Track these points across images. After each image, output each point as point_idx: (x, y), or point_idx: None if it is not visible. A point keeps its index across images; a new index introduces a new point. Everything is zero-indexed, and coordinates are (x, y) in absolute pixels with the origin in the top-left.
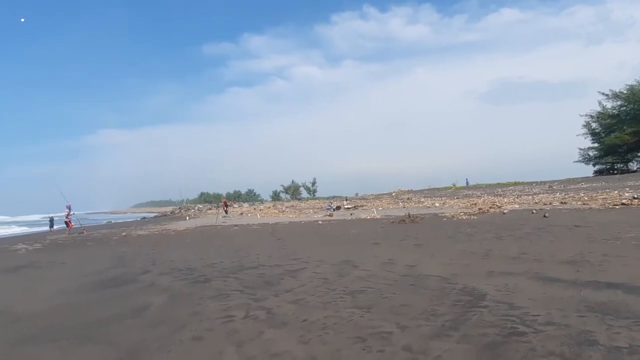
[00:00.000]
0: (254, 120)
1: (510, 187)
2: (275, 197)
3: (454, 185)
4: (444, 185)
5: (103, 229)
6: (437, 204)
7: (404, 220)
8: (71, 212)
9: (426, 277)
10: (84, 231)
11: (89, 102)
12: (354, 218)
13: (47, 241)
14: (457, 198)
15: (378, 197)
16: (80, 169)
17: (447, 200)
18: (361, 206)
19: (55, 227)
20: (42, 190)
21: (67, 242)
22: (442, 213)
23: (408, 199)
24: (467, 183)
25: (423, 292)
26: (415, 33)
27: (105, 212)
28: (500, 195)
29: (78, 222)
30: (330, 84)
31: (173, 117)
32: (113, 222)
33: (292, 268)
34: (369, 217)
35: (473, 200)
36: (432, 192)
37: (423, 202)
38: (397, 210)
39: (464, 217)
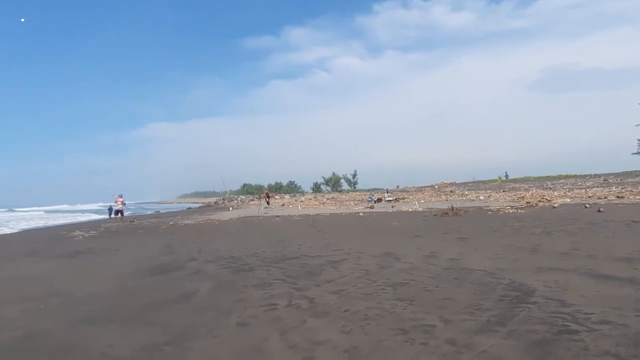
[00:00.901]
0: (296, 112)
1: (562, 180)
2: (316, 188)
3: (500, 178)
4: (489, 178)
5: (152, 218)
6: (481, 197)
7: (446, 213)
8: (124, 202)
9: (470, 271)
10: (135, 220)
11: (140, 97)
12: (395, 210)
13: (102, 229)
14: (503, 191)
15: (420, 189)
16: (132, 161)
17: (492, 194)
18: (402, 199)
19: (112, 215)
20: (100, 181)
21: (120, 230)
22: (487, 206)
23: (451, 191)
24: (506, 176)
25: (467, 286)
26: (460, 20)
27: (154, 202)
28: (550, 188)
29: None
30: (372, 75)
31: (217, 110)
32: (161, 211)
33: (333, 259)
34: (410, 210)
35: (520, 194)
36: (477, 185)
37: (467, 195)
38: (440, 203)
39: (510, 211)
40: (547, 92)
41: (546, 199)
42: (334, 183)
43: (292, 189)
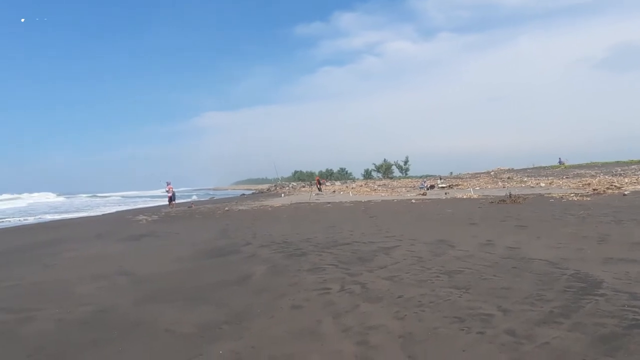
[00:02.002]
0: (346, 99)
1: (633, 166)
2: (367, 175)
3: (563, 163)
4: (550, 164)
5: (208, 204)
6: (542, 184)
7: (504, 201)
8: (173, 189)
9: (531, 261)
10: (193, 205)
11: (195, 88)
12: (449, 197)
13: (163, 214)
14: (566, 177)
15: (475, 176)
16: (188, 148)
17: (554, 180)
18: (456, 185)
19: (174, 201)
20: (163, 168)
21: (179, 215)
22: (549, 194)
23: (509, 178)
24: (559, 162)
25: (527, 275)
26: None
27: (209, 189)
28: (620, 174)
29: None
30: (424, 59)
31: (268, 98)
32: (216, 197)
33: (385, 245)
34: (465, 197)
35: (586, 180)
36: (537, 171)
37: (526, 181)
38: (497, 190)
39: (574, 199)
40: (618, 71)
41: (615, 185)
42: (385, 170)
43: (342, 175)
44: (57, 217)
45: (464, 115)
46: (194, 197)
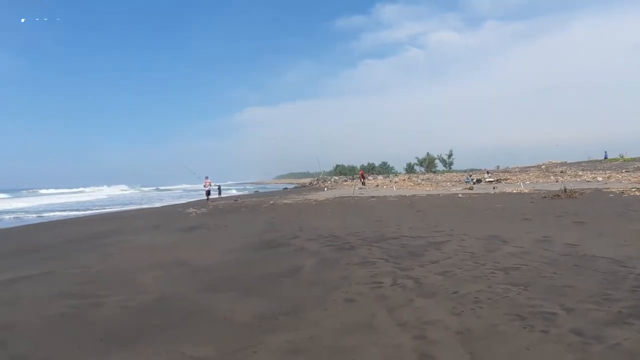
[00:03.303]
0: (388, 92)
1: None
2: (410, 169)
3: (622, 156)
4: (609, 157)
5: (253, 197)
6: (599, 178)
7: (558, 195)
8: (212, 184)
9: (593, 259)
10: (238, 199)
11: (238, 83)
12: (497, 192)
13: (211, 207)
14: (626, 171)
15: (524, 170)
16: (232, 143)
17: (612, 174)
18: (505, 179)
19: (222, 194)
20: (211, 161)
21: (226, 208)
22: (608, 188)
23: (561, 172)
24: (605, 157)
25: (590, 274)
26: None
27: (252, 183)
28: None
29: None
30: (470, 49)
31: (309, 92)
32: (260, 191)
33: (435, 240)
34: (515, 191)
35: None
36: (593, 165)
37: (581, 175)
38: (549, 185)
39: (637, 194)
40: None
41: None
42: (428, 163)
43: (384, 169)
44: (120, 208)
45: (511, 106)
46: (233, 192)
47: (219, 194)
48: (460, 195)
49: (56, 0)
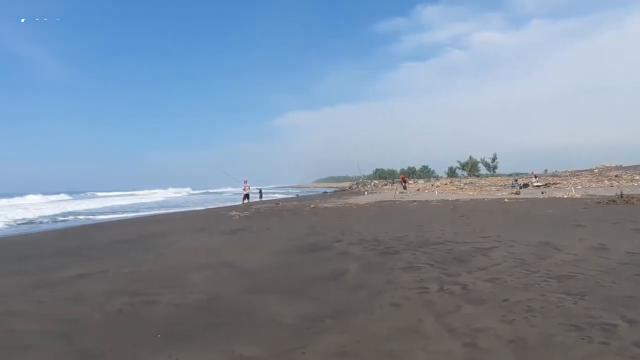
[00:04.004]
0: (429, 94)
1: None
2: (451, 173)
3: None
4: None
5: (294, 201)
6: None
7: (614, 201)
8: (250, 187)
9: None
10: (280, 203)
11: (280, 87)
12: (546, 197)
13: (253, 210)
14: None
15: (575, 174)
16: (274, 147)
17: None
18: (554, 184)
19: (263, 197)
20: (253, 164)
21: (268, 212)
22: None
23: (616, 176)
24: None
25: None
26: None
27: (292, 186)
28: None
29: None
30: (514, 49)
31: (349, 96)
32: (300, 195)
33: (482, 246)
34: (565, 196)
35: None
36: None
37: (638, 180)
38: (603, 189)
39: None
40: None
41: None
42: (470, 167)
43: (425, 173)
44: (168, 211)
45: (560, 108)
46: (276, 195)
47: (260, 197)
48: (506, 200)
49: (108, 8)
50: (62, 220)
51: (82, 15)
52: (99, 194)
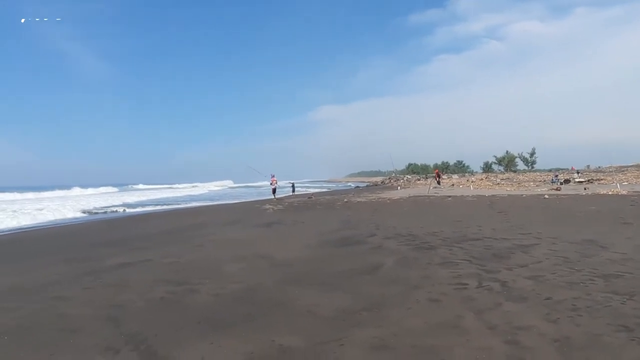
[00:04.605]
0: (463, 88)
1: None
2: (487, 168)
3: None
4: None
5: (327, 195)
6: None
7: None
8: (277, 182)
9: None
10: (312, 197)
11: (312, 82)
12: (589, 193)
13: (286, 204)
14: None
15: (620, 169)
16: (304, 142)
17: None
18: (598, 180)
19: (295, 191)
20: (285, 159)
21: (301, 206)
22: None
23: None
24: None
25: None
26: None
27: (324, 181)
28: None
29: (292, 189)
30: (555, 39)
31: (381, 90)
32: (332, 189)
33: (521, 243)
34: (610, 193)
35: None
36: None
37: None
38: None
39: None
40: None
41: None
42: (507, 162)
43: (459, 168)
44: (204, 204)
45: (605, 101)
46: (303, 190)
47: (293, 191)
48: (546, 196)
49: (148, 10)
50: (113, 212)
51: (122, 15)
52: (139, 186)
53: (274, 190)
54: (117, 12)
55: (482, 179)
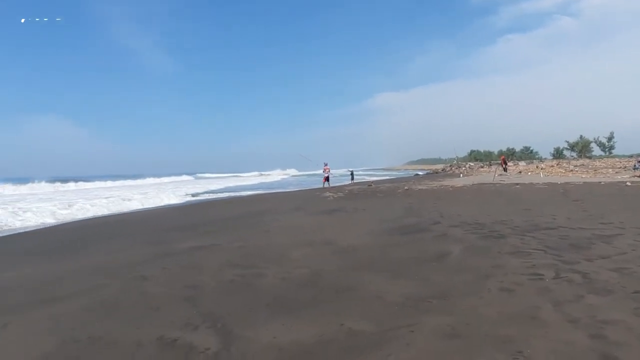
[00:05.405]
0: (531, 69)
1: None
2: (558, 154)
3: None
4: None
5: (387, 183)
6: None
7: None
8: (330, 170)
9: None
10: (372, 184)
11: (368, 69)
12: None
13: (347, 191)
14: None
15: None
16: (362, 129)
17: None
18: None
19: (354, 179)
20: (345, 147)
21: (361, 193)
22: None
23: None
24: None
25: None
26: None
27: (382, 169)
28: None
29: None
30: (634, 13)
31: (442, 75)
32: (391, 177)
33: (602, 233)
34: None
35: None
36: None
37: None
38: None
39: None
40: None
41: None
42: (581, 148)
43: (526, 155)
44: (267, 191)
45: None
46: (362, 178)
47: (352, 179)
48: (628, 184)
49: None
50: (196, 199)
51: (184, 10)
52: (206, 175)
53: (326, 179)
54: (180, 8)
55: (552, 166)
